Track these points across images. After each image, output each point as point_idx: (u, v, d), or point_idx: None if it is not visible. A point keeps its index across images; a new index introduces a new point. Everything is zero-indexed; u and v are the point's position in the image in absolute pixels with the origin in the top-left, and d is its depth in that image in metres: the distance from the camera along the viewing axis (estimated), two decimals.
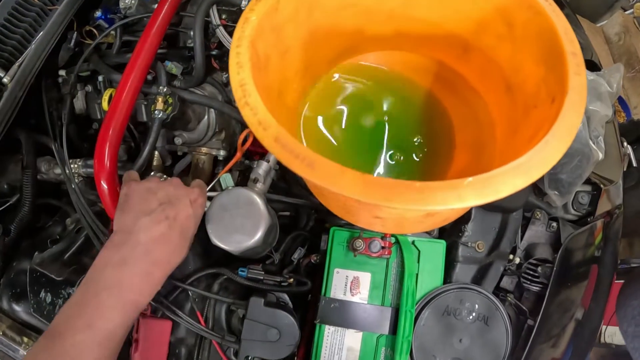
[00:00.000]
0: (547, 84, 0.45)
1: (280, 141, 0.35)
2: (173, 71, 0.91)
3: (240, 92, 0.38)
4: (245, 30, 0.42)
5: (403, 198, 0.31)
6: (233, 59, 0.40)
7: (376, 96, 0.63)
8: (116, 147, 0.82)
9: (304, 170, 0.34)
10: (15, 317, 0.88)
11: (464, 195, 0.31)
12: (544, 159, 0.34)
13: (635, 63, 1.66)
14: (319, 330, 0.81)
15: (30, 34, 0.94)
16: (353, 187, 0.32)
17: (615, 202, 1.12)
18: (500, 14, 0.51)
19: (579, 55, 0.43)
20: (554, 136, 0.36)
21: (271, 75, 0.46)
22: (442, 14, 0.56)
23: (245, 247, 0.78)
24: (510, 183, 0.33)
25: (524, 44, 0.50)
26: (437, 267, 0.84)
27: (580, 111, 0.39)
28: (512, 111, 0.53)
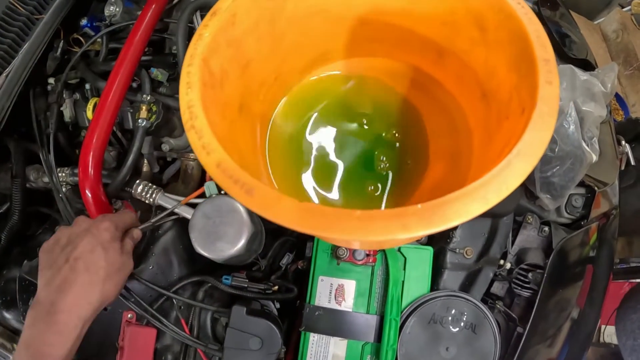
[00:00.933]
0: (519, 93, 0.42)
1: (221, 166, 0.32)
2: (159, 78, 0.89)
3: (188, 114, 0.36)
4: (197, 47, 0.39)
5: (342, 227, 0.29)
6: (183, 79, 0.38)
7: (351, 104, 0.60)
8: (100, 155, 0.81)
9: (243, 197, 0.31)
10: (6, 324, 0.88)
11: (409, 224, 0.28)
12: (505, 182, 0.31)
13: (633, 60, 1.59)
14: (304, 337, 0.79)
15: (17, 43, 0.93)
16: (289, 216, 0.30)
17: (612, 202, 1.08)
18: (473, 17, 0.47)
19: (551, 62, 0.39)
20: (517, 156, 0.33)
21: (229, 89, 0.44)
22: (415, 18, 0.52)
23: (228, 255, 0.76)
24: (463, 210, 0.30)
25: (496, 49, 0.46)
26: (424, 274, 0.82)
27: (550, 125, 0.36)
28: (487, 119, 0.49)
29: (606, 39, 1.69)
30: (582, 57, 1.09)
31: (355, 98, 0.60)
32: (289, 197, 0.31)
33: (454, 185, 0.36)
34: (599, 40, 1.67)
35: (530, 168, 0.33)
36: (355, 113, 0.60)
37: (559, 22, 1.13)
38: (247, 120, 0.48)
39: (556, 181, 0.91)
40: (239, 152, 0.42)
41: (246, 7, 0.45)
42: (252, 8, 0.45)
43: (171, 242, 0.83)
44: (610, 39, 1.66)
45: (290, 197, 0.31)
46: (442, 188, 0.42)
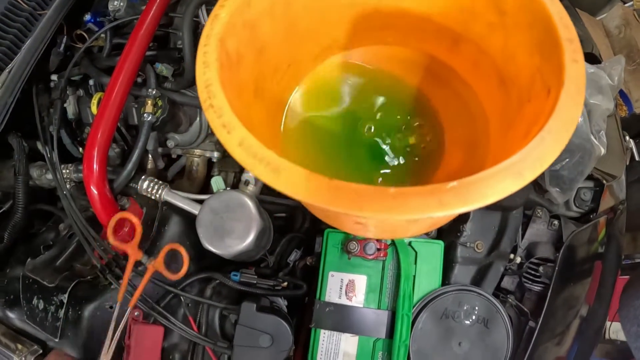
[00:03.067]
0: (543, 75, 0.41)
1: (244, 145, 0.31)
2: (164, 73, 0.88)
3: (206, 93, 0.34)
4: (214, 27, 0.38)
5: (376, 206, 0.27)
6: (200, 58, 0.37)
7: (364, 94, 0.59)
8: (105, 151, 0.80)
9: (269, 176, 0.30)
10: (9, 323, 0.86)
11: (446, 201, 0.27)
12: (539, 158, 0.30)
13: (636, 56, 1.59)
14: (315, 334, 0.78)
15: (20, 39, 0.91)
16: (320, 195, 0.28)
17: (619, 197, 1.07)
18: (492, 1, 0.46)
19: (575, 41, 0.38)
20: (550, 132, 0.32)
21: (245, 73, 0.43)
22: (430, 5, 0.52)
23: (236, 250, 0.75)
24: (499, 186, 0.29)
25: (516, 33, 0.45)
26: (435, 268, 0.80)
27: (579, 103, 0.35)
28: (505, 106, 0.48)
29: (609, 34, 1.69)
30: (587, 51, 1.09)
31: (369, 88, 0.59)
32: (318, 175, 0.29)
33: (471, 174, 0.35)
34: (601, 36, 1.67)
35: (563, 145, 0.32)
36: (369, 103, 0.59)
37: None
38: (262, 105, 0.47)
39: (565, 174, 0.90)
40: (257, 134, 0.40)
41: None
42: None
43: (178, 239, 0.82)
44: (612, 34, 1.66)
45: (319, 175, 0.29)
46: (459, 177, 0.41)
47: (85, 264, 0.84)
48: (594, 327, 0.94)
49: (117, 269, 0.77)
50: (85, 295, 0.78)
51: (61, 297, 0.79)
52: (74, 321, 0.78)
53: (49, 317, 0.80)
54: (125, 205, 0.85)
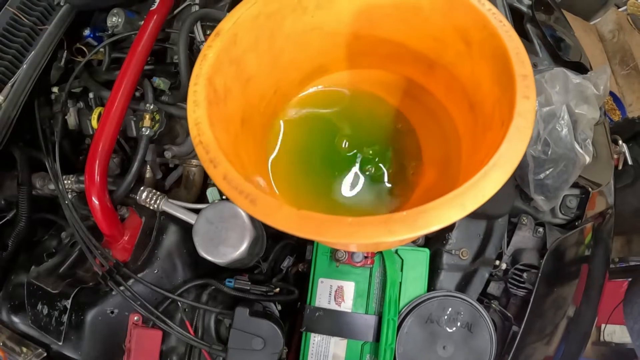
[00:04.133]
0: (501, 106, 0.46)
1: (227, 178, 0.37)
2: (161, 87, 0.93)
3: (195, 130, 0.40)
4: (202, 67, 0.44)
5: (335, 233, 0.33)
6: (190, 97, 0.42)
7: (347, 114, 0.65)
8: (105, 163, 0.85)
9: (247, 206, 0.36)
10: (14, 328, 0.92)
11: (394, 229, 0.33)
12: (481, 191, 0.36)
13: (629, 60, 1.63)
14: (305, 338, 0.84)
15: (22, 53, 0.97)
16: (289, 223, 0.34)
17: (607, 202, 1.12)
18: (459, 32, 0.52)
19: (529, 77, 0.44)
20: (494, 166, 0.37)
21: (232, 104, 0.48)
22: (406, 33, 0.57)
23: (231, 259, 0.81)
24: (443, 216, 0.34)
25: (481, 63, 0.51)
26: (421, 275, 0.86)
27: (525, 137, 0.40)
28: (474, 129, 0.54)
29: (602, 39, 1.74)
30: (576, 60, 1.13)
31: (351, 110, 0.65)
32: (288, 206, 0.35)
33: (447, 188, 0.40)
34: (595, 41, 1.72)
35: (505, 178, 0.37)
36: (351, 124, 0.65)
37: (553, 26, 1.18)
38: (248, 133, 0.53)
39: (550, 183, 0.95)
40: (242, 164, 0.46)
41: (247, 27, 0.49)
42: (253, 27, 0.50)
43: (175, 247, 0.88)
44: (606, 39, 1.70)
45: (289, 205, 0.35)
46: (436, 190, 0.46)
47: (87, 271, 0.90)
48: (582, 329, 0.99)
49: (118, 276, 0.83)
50: (88, 301, 0.84)
51: (65, 303, 0.85)
52: (76, 325, 0.83)
53: (52, 321, 0.86)
54: (124, 215, 0.91)
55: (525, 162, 0.94)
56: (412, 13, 0.54)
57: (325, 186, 0.65)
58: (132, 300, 0.81)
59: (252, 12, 0.47)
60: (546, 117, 0.93)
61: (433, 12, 0.53)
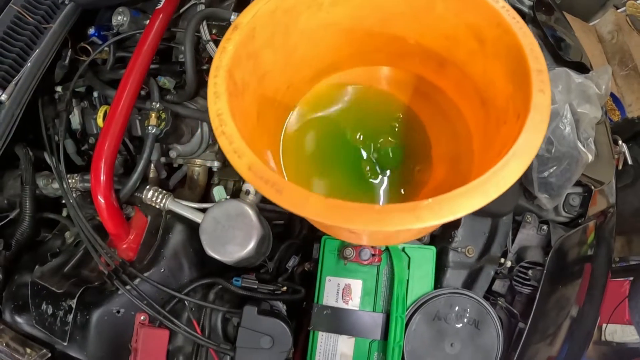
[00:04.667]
0: (515, 101, 0.47)
1: (253, 169, 0.38)
2: (166, 86, 0.94)
3: (217, 121, 0.41)
4: (222, 60, 0.45)
5: (363, 220, 0.34)
6: (211, 89, 0.43)
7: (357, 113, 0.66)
8: (112, 162, 0.86)
9: (274, 196, 0.37)
10: (18, 328, 0.92)
11: (421, 216, 0.34)
12: (503, 179, 0.37)
13: (628, 61, 1.67)
14: (313, 336, 0.84)
15: (26, 52, 0.97)
16: (317, 211, 0.35)
17: (609, 201, 1.14)
18: (472, 30, 0.53)
19: (544, 72, 0.45)
20: (513, 156, 0.38)
21: (249, 99, 0.49)
22: (418, 31, 0.58)
23: (238, 257, 0.81)
24: (468, 204, 0.35)
25: (494, 60, 0.52)
26: (428, 273, 0.87)
27: (541, 130, 0.41)
28: (487, 125, 0.55)
29: (602, 40, 1.77)
30: (577, 60, 1.16)
31: (362, 106, 0.66)
32: (316, 194, 0.36)
33: (457, 185, 0.42)
34: (594, 42, 1.75)
35: (524, 167, 0.38)
36: (362, 121, 0.66)
37: (554, 26, 1.20)
38: (263, 127, 0.54)
39: (553, 181, 0.97)
40: (260, 155, 0.47)
41: (264, 21, 0.50)
42: (269, 22, 0.51)
43: (181, 246, 0.88)
44: (605, 40, 1.74)
45: (316, 194, 0.36)
46: (446, 187, 0.47)
47: (92, 270, 0.90)
48: (585, 327, 1.00)
49: (124, 275, 0.83)
50: (93, 301, 0.84)
51: (70, 303, 0.85)
52: (82, 325, 0.83)
53: (57, 321, 0.86)
54: (130, 214, 0.91)
55: None
56: (425, 11, 0.55)
57: (335, 182, 0.66)
58: (139, 300, 0.81)
59: (270, 6, 0.49)
60: (550, 116, 0.94)
61: (446, 11, 0.54)
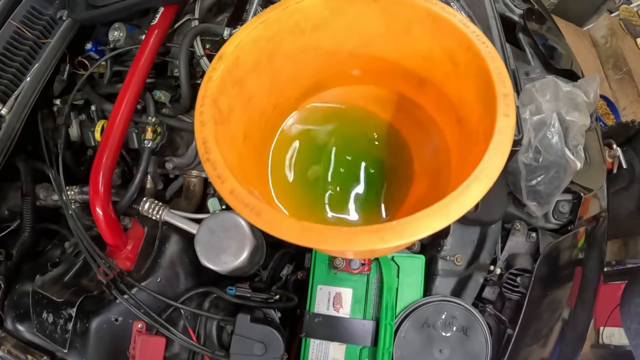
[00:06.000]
0: (484, 123, 0.51)
1: (234, 193, 0.42)
2: (162, 99, 0.98)
3: (203, 149, 0.45)
4: (208, 89, 0.49)
5: (333, 242, 0.38)
6: (197, 118, 0.47)
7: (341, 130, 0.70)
8: (109, 174, 0.90)
9: (252, 218, 0.41)
10: (19, 336, 0.96)
11: (386, 237, 0.38)
12: (463, 202, 0.41)
13: (622, 65, 1.70)
14: (305, 343, 0.88)
15: (25, 67, 1.02)
16: (291, 233, 0.39)
17: (601, 206, 1.17)
18: (446, 53, 0.57)
19: (510, 96, 0.49)
20: (475, 180, 0.42)
21: (235, 122, 0.53)
22: (398, 52, 0.62)
23: (232, 267, 0.85)
24: (429, 225, 0.39)
25: (467, 81, 0.56)
26: (417, 281, 0.91)
27: (504, 154, 0.45)
28: (462, 143, 0.59)
29: (595, 44, 1.80)
30: (567, 68, 1.19)
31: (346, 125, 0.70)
32: (290, 218, 0.40)
33: (437, 199, 0.46)
34: (588, 46, 1.78)
35: (485, 189, 0.42)
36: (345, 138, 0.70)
37: (545, 35, 1.24)
38: (250, 148, 0.58)
39: (542, 189, 1.00)
40: (245, 177, 0.51)
41: (248, 49, 0.55)
42: (253, 49, 0.55)
43: (177, 256, 0.92)
44: (599, 44, 1.77)
45: (291, 217, 0.40)
46: (427, 201, 0.51)
47: (92, 280, 0.94)
48: (578, 331, 1.04)
49: (122, 284, 0.88)
50: (92, 309, 0.88)
51: (70, 311, 0.89)
52: (81, 333, 0.87)
53: (58, 329, 0.90)
54: (127, 225, 0.95)
55: (517, 169, 0.99)
56: (403, 34, 0.59)
57: (319, 198, 0.70)
58: (136, 308, 0.85)
59: (253, 35, 0.53)
60: (537, 125, 0.98)
61: (422, 34, 0.58)
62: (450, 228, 0.95)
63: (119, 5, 0.96)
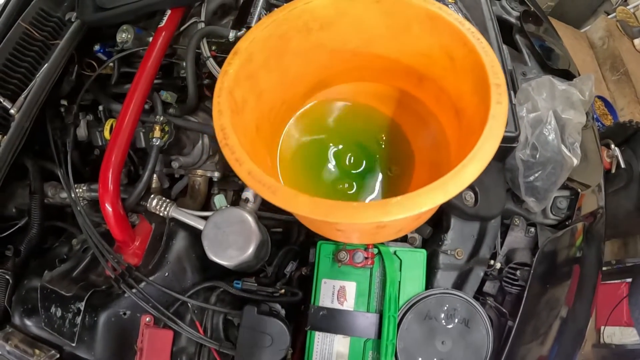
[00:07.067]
0: (480, 112, 0.57)
1: (252, 174, 0.47)
2: (168, 100, 1.03)
3: (221, 135, 0.50)
4: (224, 82, 0.54)
5: (342, 214, 0.43)
6: (215, 107, 0.52)
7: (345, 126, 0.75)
8: (119, 172, 0.94)
9: (269, 196, 0.46)
10: (27, 331, 0.99)
11: (391, 210, 0.43)
12: (461, 180, 0.46)
13: (619, 66, 1.76)
14: (310, 336, 0.92)
15: (35, 67, 1.07)
16: (304, 207, 0.44)
17: (598, 203, 1.22)
18: (444, 50, 0.63)
19: (502, 86, 0.54)
20: (471, 159, 0.47)
21: (248, 115, 0.58)
22: (399, 50, 0.68)
23: (238, 261, 0.89)
24: (430, 199, 0.44)
25: (463, 76, 0.61)
26: (419, 274, 0.95)
27: (498, 136, 0.50)
28: (460, 134, 0.64)
29: (593, 46, 1.86)
30: (564, 68, 1.25)
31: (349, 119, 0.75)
32: (303, 194, 0.45)
33: None
34: (586, 48, 1.84)
35: (481, 168, 0.47)
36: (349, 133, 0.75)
37: (542, 37, 1.30)
38: (261, 139, 0.63)
39: (539, 185, 1.05)
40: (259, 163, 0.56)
41: (260, 46, 0.60)
42: (265, 47, 0.60)
43: (184, 251, 0.96)
44: (596, 46, 1.83)
45: (304, 194, 0.45)
46: None
47: (100, 275, 0.98)
48: (576, 327, 1.08)
49: (130, 279, 0.92)
50: (101, 303, 0.91)
51: (78, 305, 0.92)
52: (90, 327, 0.91)
53: (66, 323, 0.93)
54: (135, 221, 1.00)
55: (515, 166, 1.04)
56: (404, 32, 0.64)
57: (325, 188, 0.75)
58: (144, 302, 0.89)
59: (265, 33, 0.58)
60: (533, 123, 1.04)
61: (422, 32, 0.63)
62: (451, 223, 0.99)
63: (127, 8, 1.01)
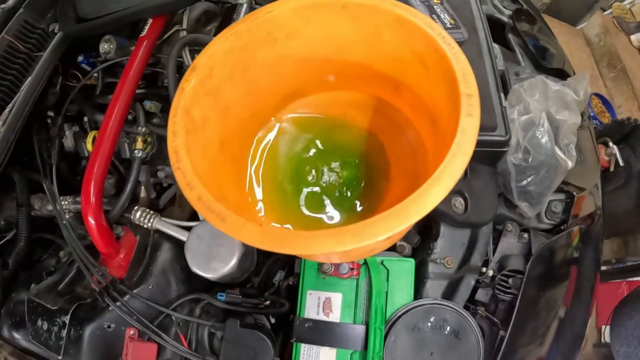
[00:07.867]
0: (451, 123, 0.53)
1: (201, 199, 0.44)
2: (152, 109, 1.01)
3: (175, 158, 0.47)
4: (180, 100, 0.51)
5: (292, 245, 0.40)
6: (170, 128, 0.49)
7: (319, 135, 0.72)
8: (101, 184, 0.92)
9: (218, 223, 0.43)
10: (16, 344, 0.99)
11: (344, 241, 0.39)
12: (423, 203, 0.42)
13: (616, 63, 1.69)
14: (296, 348, 0.90)
15: (19, 79, 1.05)
16: (252, 237, 0.41)
17: (595, 205, 1.17)
18: (416, 56, 0.59)
19: (474, 96, 0.50)
20: (435, 181, 0.43)
21: (210, 132, 0.55)
22: (371, 57, 0.64)
23: (222, 273, 0.87)
24: (389, 227, 0.40)
25: (436, 83, 0.58)
26: (407, 284, 0.92)
27: (467, 153, 0.46)
28: (436, 144, 0.60)
29: (589, 43, 1.80)
30: (559, 67, 1.20)
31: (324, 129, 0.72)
32: (252, 223, 0.42)
33: None
34: (582, 45, 1.78)
35: (446, 191, 0.43)
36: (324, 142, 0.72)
37: (536, 35, 1.25)
38: (227, 155, 0.60)
39: (533, 189, 1.01)
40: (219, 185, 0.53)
41: (221, 61, 0.57)
42: (227, 60, 0.57)
43: (169, 263, 0.94)
44: (593, 43, 1.77)
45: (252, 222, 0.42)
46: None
47: (85, 287, 0.97)
48: (575, 330, 1.04)
49: (114, 292, 0.90)
50: (86, 316, 0.90)
51: (64, 319, 0.91)
52: (75, 340, 0.90)
53: (52, 336, 0.93)
54: (120, 233, 0.98)
55: (507, 170, 1.00)
56: (374, 38, 0.61)
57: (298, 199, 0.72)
58: (128, 315, 0.88)
59: (225, 47, 0.55)
60: (525, 126, 0.99)
61: (393, 37, 0.60)
62: (440, 231, 0.96)
63: (109, 18, 0.99)
